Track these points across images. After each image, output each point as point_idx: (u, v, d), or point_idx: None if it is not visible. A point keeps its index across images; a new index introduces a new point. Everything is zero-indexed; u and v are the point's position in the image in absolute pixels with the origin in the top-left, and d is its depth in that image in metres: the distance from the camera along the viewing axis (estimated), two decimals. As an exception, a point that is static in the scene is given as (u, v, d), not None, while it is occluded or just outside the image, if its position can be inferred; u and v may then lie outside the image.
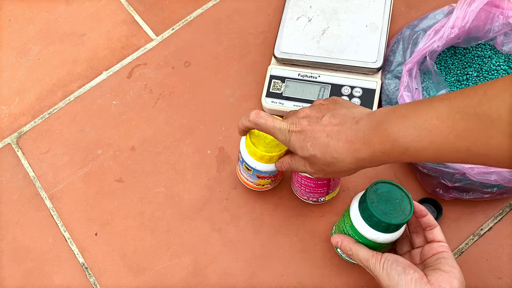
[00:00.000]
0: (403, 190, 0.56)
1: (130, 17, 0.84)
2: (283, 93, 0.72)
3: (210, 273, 0.66)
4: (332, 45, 0.72)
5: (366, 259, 0.55)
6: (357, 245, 0.57)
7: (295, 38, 0.73)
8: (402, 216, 0.54)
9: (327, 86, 0.71)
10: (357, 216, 0.57)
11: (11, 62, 0.82)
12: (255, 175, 0.63)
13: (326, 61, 0.71)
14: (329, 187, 0.63)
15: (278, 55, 0.73)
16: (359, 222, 0.56)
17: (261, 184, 0.66)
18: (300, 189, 0.65)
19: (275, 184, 0.67)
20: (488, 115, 0.40)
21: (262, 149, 0.59)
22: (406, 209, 0.55)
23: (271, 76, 0.73)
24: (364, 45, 0.71)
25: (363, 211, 0.55)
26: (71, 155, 0.75)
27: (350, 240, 0.58)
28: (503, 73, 0.69)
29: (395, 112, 0.47)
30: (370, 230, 0.56)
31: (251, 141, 0.59)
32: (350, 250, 0.57)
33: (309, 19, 0.74)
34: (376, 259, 0.54)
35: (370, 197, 0.55)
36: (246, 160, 0.62)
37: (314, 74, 0.72)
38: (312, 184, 0.62)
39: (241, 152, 0.62)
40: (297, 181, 0.64)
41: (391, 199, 0.55)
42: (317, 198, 0.65)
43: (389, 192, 0.55)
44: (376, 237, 0.56)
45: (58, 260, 0.69)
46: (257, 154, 0.60)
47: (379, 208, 0.54)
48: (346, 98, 0.70)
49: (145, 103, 0.77)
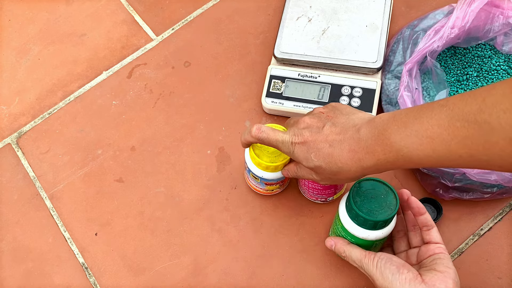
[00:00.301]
0: (387, 185, 0.56)
1: (130, 17, 0.84)
2: (283, 93, 0.72)
3: (210, 273, 0.66)
4: (332, 45, 0.72)
5: (359, 259, 0.56)
6: (350, 246, 0.57)
7: (295, 38, 0.73)
8: (388, 211, 0.54)
9: (327, 86, 0.71)
10: (345, 217, 0.57)
11: (11, 62, 0.82)
12: (263, 183, 0.64)
13: (326, 61, 0.71)
14: (337, 187, 0.64)
15: (278, 55, 0.73)
16: (348, 223, 0.57)
17: (270, 189, 0.67)
18: (308, 192, 0.65)
19: (284, 187, 0.68)
20: (488, 123, 0.40)
21: (266, 159, 0.60)
22: (391, 203, 0.55)
23: (271, 76, 0.73)
24: (364, 45, 0.71)
25: (350, 211, 0.56)
26: (71, 155, 0.75)
27: (343, 242, 0.58)
28: (503, 73, 0.69)
29: (396, 120, 0.47)
30: (360, 229, 0.56)
31: (255, 152, 0.60)
32: (344, 252, 0.58)
33: (309, 19, 0.74)
34: (369, 259, 0.55)
35: (354, 196, 0.55)
36: (252, 170, 0.63)
37: (314, 74, 0.72)
38: (320, 186, 0.63)
39: (247, 162, 0.63)
40: (304, 184, 0.65)
41: (376, 196, 0.55)
42: (325, 198, 0.66)
43: (374, 189, 0.56)
44: (366, 235, 0.56)
45: (58, 260, 0.69)
46: (262, 165, 0.60)
47: (364, 207, 0.55)
48: (346, 98, 0.70)
49: (145, 103, 0.77)
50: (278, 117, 0.74)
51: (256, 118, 0.74)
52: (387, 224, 0.56)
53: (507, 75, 0.69)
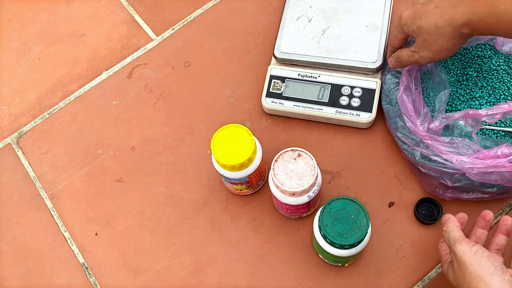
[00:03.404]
0: (358, 204, 0.55)
1: (130, 17, 0.84)
2: (283, 93, 0.72)
3: (210, 273, 0.66)
4: (332, 45, 0.72)
5: (455, 240, 0.53)
6: (452, 225, 0.55)
7: (295, 38, 0.73)
8: (358, 233, 0.54)
9: (327, 86, 0.71)
10: (318, 235, 0.57)
11: (11, 62, 0.82)
12: (228, 182, 0.65)
13: (326, 61, 0.71)
14: (309, 205, 0.63)
15: (278, 55, 0.73)
16: (321, 241, 0.57)
17: (239, 189, 0.67)
18: (282, 210, 0.65)
19: (254, 188, 0.68)
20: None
21: (223, 158, 0.60)
22: (362, 224, 0.54)
23: (271, 76, 0.73)
24: (364, 45, 0.71)
25: (320, 232, 0.56)
26: (71, 155, 0.75)
27: (452, 219, 0.57)
28: (503, 73, 0.69)
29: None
30: (332, 249, 0.56)
31: (215, 151, 0.60)
32: (445, 227, 0.56)
33: (309, 19, 0.74)
34: (467, 245, 0.52)
35: (323, 218, 0.55)
36: (216, 168, 0.63)
37: (314, 74, 0.72)
38: (292, 207, 0.62)
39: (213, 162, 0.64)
40: (278, 203, 0.64)
41: (346, 216, 0.55)
42: (299, 215, 0.66)
43: (344, 208, 0.55)
44: (340, 253, 0.56)
45: (58, 260, 0.69)
46: (220, 163, 0.61)
47: (334, 230, 0.54)
48: (346, 98, 0.70)
49: (145, 103, 0.77)
50: (278, 117, 0.74)
51: (256, 118, 0.74)
52: (359, 243, 0.55)
53: (507, 75, 0.69)
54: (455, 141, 0.61)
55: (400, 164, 0.70)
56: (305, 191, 0.58)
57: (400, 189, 0.68)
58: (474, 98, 0.68)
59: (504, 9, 0.51)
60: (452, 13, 0.54)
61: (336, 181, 0.69)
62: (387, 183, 0.69)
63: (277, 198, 0.61)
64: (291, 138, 0.73)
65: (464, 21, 0.54)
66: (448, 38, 0.56)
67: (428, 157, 0.62)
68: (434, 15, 0.56)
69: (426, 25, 0.57)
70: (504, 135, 0.66)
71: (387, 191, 0.68)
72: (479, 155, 0.59)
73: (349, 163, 0.70)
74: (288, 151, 0.59)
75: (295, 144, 0.72)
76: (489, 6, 0.51)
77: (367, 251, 0.65)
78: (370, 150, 0.71)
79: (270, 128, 0.74)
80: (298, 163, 0.58)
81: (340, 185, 0.69)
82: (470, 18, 0.53)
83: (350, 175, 0.69)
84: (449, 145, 0.61)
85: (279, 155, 0.58)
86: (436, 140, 0.61)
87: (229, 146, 0.60)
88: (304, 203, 0.60)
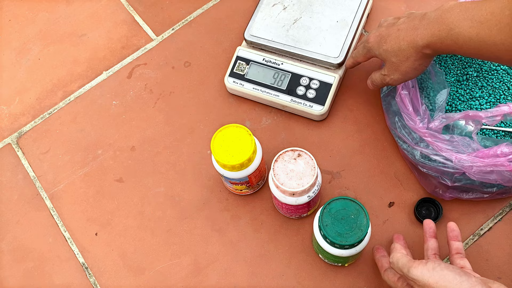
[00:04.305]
0: (358, 204, 0.55)
1: (130, 17, 0.84)
2: (245, 75, 0.73)
3: (210, 273, 0.66)
4: (300, 35, 0.73)
5: (406, 266, 0.52)
6: (397, 254, 0.54)
7: (267, 24, 0.74)
8: (358, 233, 0.54)
9: (288, 74, 0.72)
10: (318, 235, 0.57)
11: (11, 62, 0.82)
12: (228, 182, 0.65)
13: (291, 50, 0.72)
14: (310, 205, 0.63)
15: (247, 38, 0.74)
16: (321, 241, 0.57)
17: (239, 189, 0.67)
18: (282, 210, 0.65)
19: (254, 188, 0.68)
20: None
21: (223, 158, 0.60)
22: (362, 224, 0.54)
23: (237, 57, 0.74)
24: (331, 39, 0.72)
25: (320, 232, 0.55)
26: (71, 155, 0.75)
27: (385, 254, 0.59)
28: (503, 73, 0.69)
29: (462, 6, 0.52)
30: (332, 249, 0.56)
31: (215, 150, 0.60)
32: (391, 258, 0.55)
33: (284, 7, 0.74)
34: (422, 264, 0.51)
35: (324, 218, 0.55)
36: (215, 168, 0.63)
37: (277, 61, 0.73)
38: (292, 206, 0.62)
39: (213, 162, 0.64)
40: (278, 203, 0.64)
41: (346, 216, 0.54)
42: (299, 215, 0.66)
43: (344, 208, 0.55)
44: (340, 253, 0.56)
45: (58, 260, 0.69)
46: (220, 163, 0.61)
47: (334, 230, 0.54)
48: (303, 88, 0.72)
49: (145, 103, 0.77)
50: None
51: (257, 118, 0.74)
52: (359, 243, 0.55)
53: (507, 75, 0.69)
54: (455, 139, 0.61)
55: (400, 164, 0.70)
56: (305, 191, 0.58)
57: (400, 189, 0.68)
58: (474, 98, 0.68)
59: (459, 32, 0.52)
60: (413, 35, 0.56)
61: (336, 181, 0.69)
62: (387, 183, 0.69)
63: (277, 198, 0.61)
64: (291, 138, 0.73)
65: (425, 43, 0.55)
66: (414, 59, 0.58)
67: (428, 156, 0.62)
68: (397, 38, 0.58)
69: (391, 48, 0.59)
70: (504, 135, 0.66)
71: (387, 191, 0.68)
72: (479, 153, 0.59)
73: (349, 163, 0.70)
74: (288, 151, 0.59)
75: (295, 144, 0.72)
76: (446, 29, 0.53)
77: (367, 251, 0.65)
78: (370, 150, 0.71)
79: (270, 127, 0.74)
80: (298, 163, 0.58)
81: (340, 185, 0.69)
82: (430, 40, 0.55)
83: (350, 175, 0.69)
84: (449, 143, 0.61)
85: (279, 155, 0.58)
86: (436, 138, 0.61)
87: (229, 146, 0.60)
88: (304, 203, 0.60)
